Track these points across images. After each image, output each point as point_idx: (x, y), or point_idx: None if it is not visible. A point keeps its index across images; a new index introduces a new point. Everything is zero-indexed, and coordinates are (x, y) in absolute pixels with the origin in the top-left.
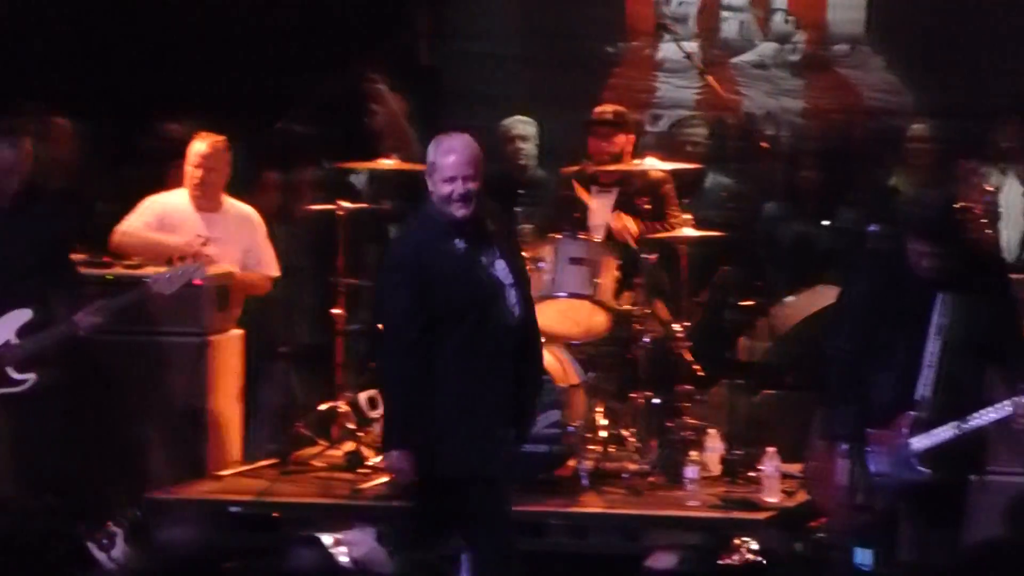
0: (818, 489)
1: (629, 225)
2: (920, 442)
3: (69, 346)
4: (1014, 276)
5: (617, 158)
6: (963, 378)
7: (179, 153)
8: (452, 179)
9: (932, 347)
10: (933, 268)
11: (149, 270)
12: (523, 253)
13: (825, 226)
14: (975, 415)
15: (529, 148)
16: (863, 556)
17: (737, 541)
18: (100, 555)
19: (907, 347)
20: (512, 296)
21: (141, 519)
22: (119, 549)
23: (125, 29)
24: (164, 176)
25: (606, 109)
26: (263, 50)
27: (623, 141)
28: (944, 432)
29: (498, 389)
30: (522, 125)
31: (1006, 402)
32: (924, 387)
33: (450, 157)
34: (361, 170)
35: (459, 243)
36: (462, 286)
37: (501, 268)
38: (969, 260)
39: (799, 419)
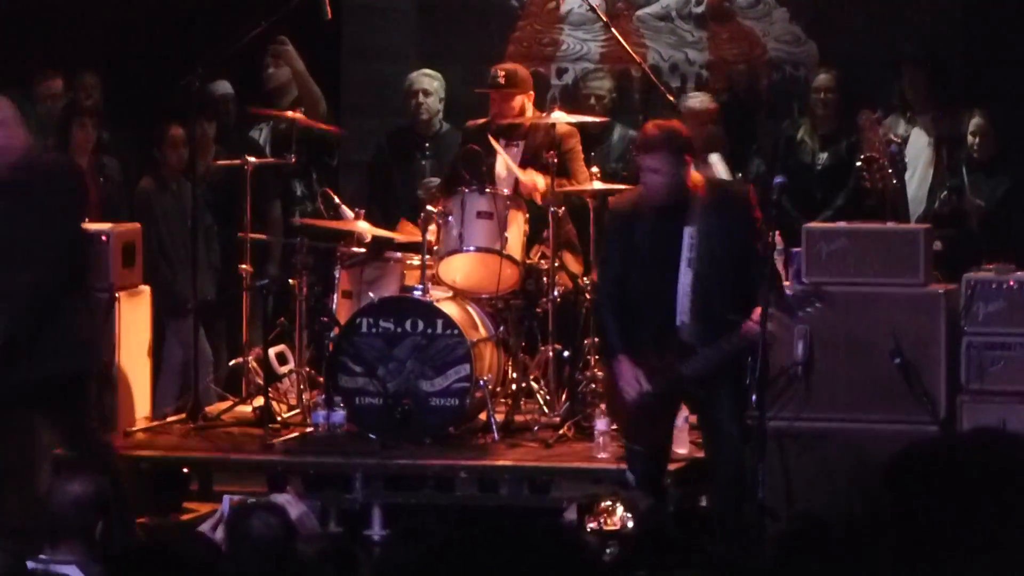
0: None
1: (537, 182)
2: (688, 367)
3: None
4: (919, 226)
5: (518, 116)
6: (714, 303)
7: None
8: None
9: (685, 278)
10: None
11: None
12: (433, 208)
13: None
14: (732, 336)
15: (432, 102)
16: (630, 478)
17: (601, 505)
18: None
19: (666, 281)
20: None
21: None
22: None
23: None
24: None
25: (499, 71)
26: (169, 6)
27: (521, 99)
28: (706, 355)
29: None
30: (426, 79)
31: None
32: (682, 314)
33: None
34: (263, 127)
35: None
36: None
37: None
38: (709, 196)
39: None
